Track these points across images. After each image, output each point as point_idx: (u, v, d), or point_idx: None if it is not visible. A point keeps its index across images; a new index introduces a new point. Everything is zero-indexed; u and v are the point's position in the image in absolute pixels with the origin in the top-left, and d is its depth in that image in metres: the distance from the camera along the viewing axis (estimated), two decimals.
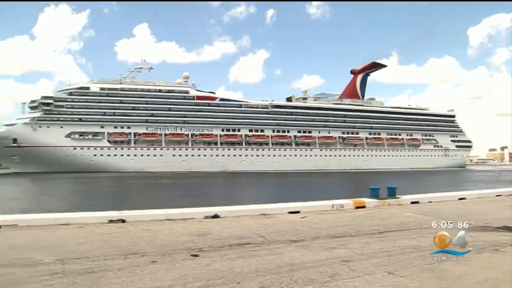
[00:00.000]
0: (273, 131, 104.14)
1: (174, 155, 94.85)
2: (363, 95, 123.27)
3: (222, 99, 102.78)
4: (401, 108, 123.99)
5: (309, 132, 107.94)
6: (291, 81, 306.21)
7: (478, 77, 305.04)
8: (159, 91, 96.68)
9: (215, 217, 10.94)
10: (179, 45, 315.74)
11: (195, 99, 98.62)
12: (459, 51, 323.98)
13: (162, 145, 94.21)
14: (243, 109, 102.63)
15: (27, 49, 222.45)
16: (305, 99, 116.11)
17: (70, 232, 8.85)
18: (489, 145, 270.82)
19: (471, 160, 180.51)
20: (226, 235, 8.52)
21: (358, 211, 12.61)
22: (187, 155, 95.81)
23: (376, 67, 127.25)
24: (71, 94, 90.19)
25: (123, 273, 5.65)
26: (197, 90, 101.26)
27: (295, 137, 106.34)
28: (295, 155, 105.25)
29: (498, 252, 7.05)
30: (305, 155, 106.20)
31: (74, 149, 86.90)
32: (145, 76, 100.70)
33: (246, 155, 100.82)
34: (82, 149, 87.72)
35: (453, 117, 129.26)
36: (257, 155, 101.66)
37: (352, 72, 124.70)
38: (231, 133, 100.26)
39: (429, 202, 14.61)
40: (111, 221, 9.98)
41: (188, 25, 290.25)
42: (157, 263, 6.25)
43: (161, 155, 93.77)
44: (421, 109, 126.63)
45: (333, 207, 12.82)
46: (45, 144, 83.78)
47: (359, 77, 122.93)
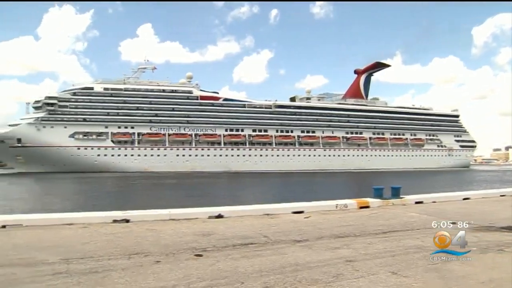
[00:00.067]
0: (277, 131, 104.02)
1: (177, 155, 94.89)
2: (367, 95, 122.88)
3: (225, 99, 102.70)
4: (405, 108, 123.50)
5: (313, 132, 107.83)
6: (295, 81, 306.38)
7: (482, 77, 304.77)
8: (163, 91, 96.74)
9: (219, 217, 10.96)
10: (182, 45, 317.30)
11: (198, 99, 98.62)
12: (463, 50, 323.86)
13: (165, 145, 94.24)
14: (246, 109, 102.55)
15: (31, 50, 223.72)
16: (308, 99, 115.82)
17: (74, 232, 8.88)
18: (493, 145, 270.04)
19: (475, 160, 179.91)
20: (230, 235, 8.53)
21: (362, 211, 12.60)
22: (190, 155, 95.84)
23: (379, 67, 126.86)
24: (75, 94, 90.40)
25: (127, 273, 5.66)
26: (201, 90, 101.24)
27: (299, 137, 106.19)
28: (299, 155, 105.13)
29: (502, 252, 7.02)
30: (309, 155, 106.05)
31: (78, 149, 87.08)
32: (148, 76, 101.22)
33: (249, 155, 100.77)
34: (86, 149, 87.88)
35: (457, 117, 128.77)
36: (261, 155, 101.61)
37: (355, 72, 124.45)
38: (234, 133, 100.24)
39: (433, 202, 14.59)
40: (115, 221, 10.02)
41: (191, 25, 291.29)
42: (161, 263, 6.25)
43: (165, 155, 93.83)
44: (425, 109, 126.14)
45: (337, 207, 12.82)
46: (49, 144, 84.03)
47: (363, 77, 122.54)
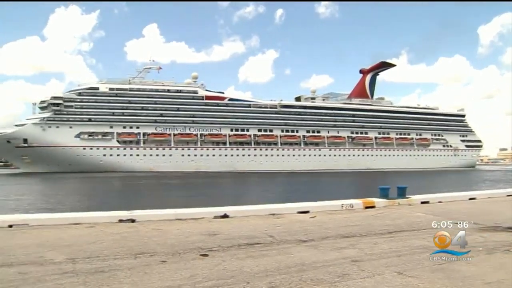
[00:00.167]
0: (282, 131, 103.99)
1: (183, 155, 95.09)
2: (372, 95, 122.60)
3: (231, 99, 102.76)
4: (411, 107, 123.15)
5: (318, 132, 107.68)
6: (300, 81, 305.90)
7: (488, 76, 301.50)
8: (168, 91, 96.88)
9: (225, 217, 10.95)
10: (188, 45, 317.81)
11: (204, 99, 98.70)
12: (469, 50, 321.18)
13: (171, 145, 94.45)
14: (252, 109, 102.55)
15: (38, 50, 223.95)
16: (313, 98, 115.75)
17: (80, 231, 8.91)
18: (500, 144, 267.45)
19: (482, 160, 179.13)
20: (235, 235, 8.53)
21: (367, 211, 12.56)
22: (196, 155, 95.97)
23: (385, 66, 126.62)
24: (80, 94, 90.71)
25: (133, 273, 5.68)
26: (206, 90, 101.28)
27: (304, 137, 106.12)
28: (304, 155, 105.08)
29: (509, 252, 6.98)
30: (314, 155, 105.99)
31: (83, 149, 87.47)
32: (154, 76, 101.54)
33: (255, 155, 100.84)
34: (91, 149, 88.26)
35: (463, 116, 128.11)
36: (266, 155, 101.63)
37: (361, 71, 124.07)
38: (240, 133, 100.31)
39: (439, 202, 14.52)
40: (121, 221, 10.04)
41: (197, 25, 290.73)
42: (167, 262, 6.27)
43: (170, 155, 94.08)
44: (430, 109, 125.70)
45: (342, 207, 12.79)
46: (54, 144, 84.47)
47: (368, 77, 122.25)
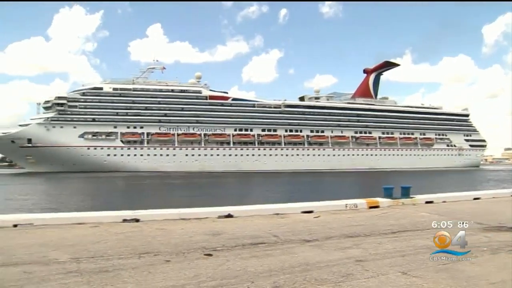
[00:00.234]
0: (286, 131, 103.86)
1: (187, 155, 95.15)
2: (376, 94, 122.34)
3: (234, 99, 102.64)
4: (414, 107, 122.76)
5: (322, 131, 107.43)
6: (304, 81, 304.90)
7: (492, 76, 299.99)
8: (172, 91, 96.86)
9: (229, 216, 10.96)
10: (192, 45, 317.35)
11: (207, 99, 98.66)
12: (473, 49, 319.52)
13: (175, 145, 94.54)
14: (255, 108, 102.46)
15: (42, 50, 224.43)
16: (317, 98, 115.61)
17: (84, 231, 8.93)
18: (504, 144, 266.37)
19: (486, 159, 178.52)
20: (239, 234, 8.53)
21: (372, 211, 12.54)
22: (200, 155, 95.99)
23: (389, 66, 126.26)
24: (84, 94, 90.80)
25: (137, 272, 5.68)
26: (210, 90, 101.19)
27: (308, 136, 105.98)
28: (308, 155, 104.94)
29: None
30: (318, 155, 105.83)
31: (87, 149, 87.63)
32: (157, 76, 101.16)
33: (259, 155, 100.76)
34: (95, 149, 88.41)
35: (467, 116, 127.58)
36: (270, 155, 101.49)
37: (365, 71, 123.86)
38: (244, 132, 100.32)
39: (444, 202, 14.46)
40: (125, 221, 10.06)
41: (201, 25, 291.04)
42: (171, 262, 6.27)
43: (174, 155, 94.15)
44: (434, 108, 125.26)
45: (346, 206, 12.77)
46: (59, 144, 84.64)
47: (372, 76, 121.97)
